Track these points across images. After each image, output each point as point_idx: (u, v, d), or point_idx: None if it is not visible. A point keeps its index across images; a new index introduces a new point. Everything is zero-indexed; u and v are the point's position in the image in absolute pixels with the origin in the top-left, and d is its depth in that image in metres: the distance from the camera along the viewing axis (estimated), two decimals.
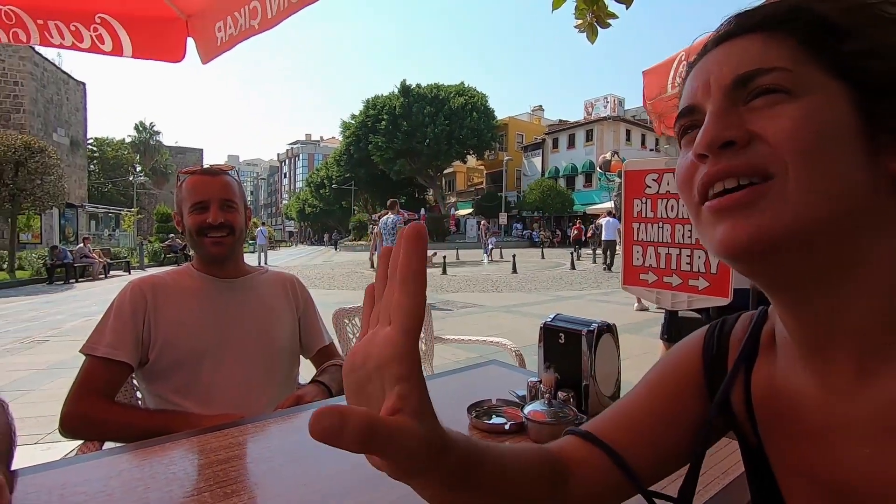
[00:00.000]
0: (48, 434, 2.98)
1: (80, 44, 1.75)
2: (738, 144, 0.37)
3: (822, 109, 0.36)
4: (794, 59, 0.37)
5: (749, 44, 0.39)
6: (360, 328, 2.29)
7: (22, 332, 6.30)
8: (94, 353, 1.16)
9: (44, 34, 1.72)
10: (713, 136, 0.38)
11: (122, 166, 44.95)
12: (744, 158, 0.37)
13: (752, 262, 0.38)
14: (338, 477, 0.81)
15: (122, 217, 27.73)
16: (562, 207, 33.45)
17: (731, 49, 0.40)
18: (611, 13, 2.30)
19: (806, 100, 0.36)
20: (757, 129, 0.37)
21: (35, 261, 13.85)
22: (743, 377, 0.48)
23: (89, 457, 0.91)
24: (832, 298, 0.38)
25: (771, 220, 0.35)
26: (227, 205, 1.28)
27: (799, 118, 0.35)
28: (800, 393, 0.43)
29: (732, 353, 0.51)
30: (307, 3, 1.45)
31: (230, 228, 1.28)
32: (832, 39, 0.37)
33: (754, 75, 0.37)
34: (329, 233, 49.64)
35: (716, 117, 0.38)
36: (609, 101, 37.37)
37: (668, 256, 1.80)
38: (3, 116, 19.96)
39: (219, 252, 1.28)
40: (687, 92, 0.43)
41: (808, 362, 0.42)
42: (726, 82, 0.39)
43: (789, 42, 0.37)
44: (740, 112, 0.38)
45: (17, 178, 13.41)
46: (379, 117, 33.96)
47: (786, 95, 0.36)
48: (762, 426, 0.46)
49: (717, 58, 0.41)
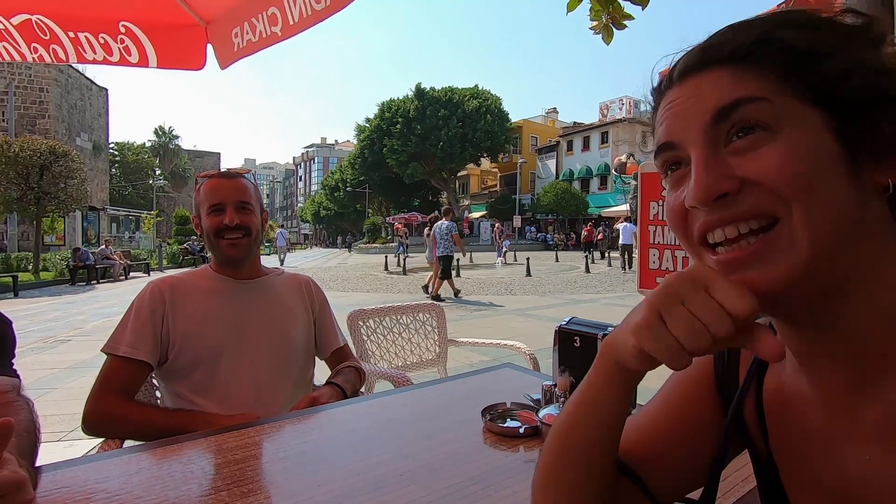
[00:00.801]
0: (70, 431, 3.04)
1: (110, 57, 1.82)
2: (731, 194, 0.37)
3: (805, 140, 0.36)
4: (770, 90, 0.37)
5: (722, 75, 0.38)
6: (373, 330, 2.31)
7: (46, 332, 6.45)
8: (115, 352, 1.18)
9: (78, 50, 1.79)
10: (706, 191, 0.37)
11: (142, 170, 45.95)
12: (743, 206, 0.37)
13: (767, 307, 0.38)
14: (353, 478, 0.81)
15: (142, 220, 28.31)
16: (576, 210, 33.21)
17: (702, 83, 0.39)
18: (627, 14, 2.29)
19: (787, 134, 0.36)
20: (748, 174, 0.37)
21: (58, 262, 14.20)
22: (755, 387, 0.48)
23: (110, 454, 0.93)
24: (831, 313, 0.38)
25: (786, 269, 0.36)
26: (243, 207, 1.30)
27: (786, 157, 0.36)
28: (804, 402, 0.43)
29: (744, 362, 0.50)
30: (331, 13, 1.46)
31: (246, 230, 1.30)
32: (803, 68, 0.36)
33: (736, 106, 0.37)
34: (343, 235, 49.98)
35: (705, 169, 0.38)
36: (624, 102, 37.02)
37: (685, 259, 1.78)
38: (29, 122, 20.54)
39: (235, 253, 1.30)
40: (663, 127, 0.42)
41: (810, 373, 0.42)
42: (706, 118, 0.38)
43: (761, 73, 0.37)
44: (724, 157, 0.38)
45: (42, 182, 13.77)
46: (393, 120, 34.15)
47: (766, 133, 0.36)
48: (772, 436, 0.46)
49: (688, 92, 0.40)
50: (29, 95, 20.83)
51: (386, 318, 2.36)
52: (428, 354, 2.43)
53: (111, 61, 1.82)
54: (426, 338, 2.45)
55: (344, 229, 51.82)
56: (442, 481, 0.80)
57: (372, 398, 1.33)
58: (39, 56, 1.78)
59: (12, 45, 1.77)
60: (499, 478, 0.81)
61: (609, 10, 2.27)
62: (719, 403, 0.51)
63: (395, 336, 2.37)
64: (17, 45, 1.77)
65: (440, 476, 0.82)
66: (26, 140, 14.14)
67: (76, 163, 14.89)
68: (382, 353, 2.29)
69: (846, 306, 0.37)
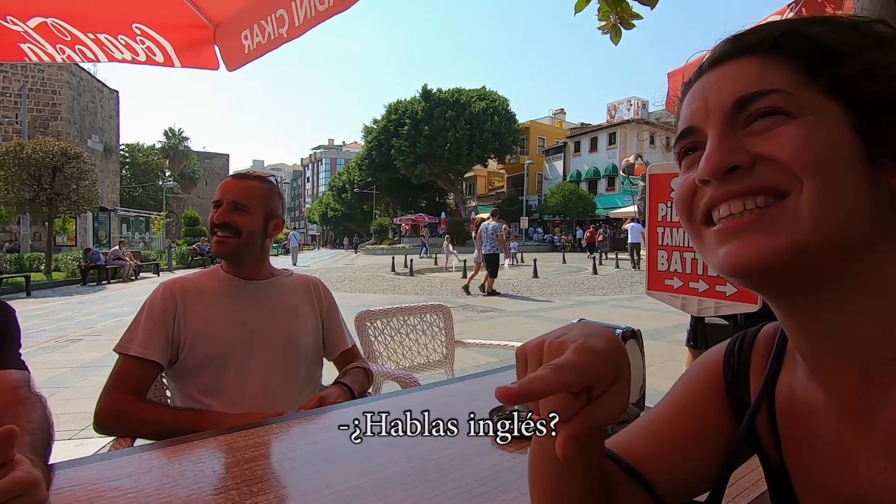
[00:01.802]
0: (81, 430, 3.08)
1: (137, 57, 1.85)
2: (743, 168, 0.38)
3: (823, 129, 0.36)
4: (792, 82, 0.37)
5: (746, 66, 0.39)
6: (381, 331, 2.32)
7: (57, 332, 6.53)
8: (126, 352, 1.20)
9: (105, 51, 1.82)
10: (718, 162, 0.38)
11: (152, 171, 46.43)
12: (753, 180, 0.37)
13: (762, 279, 0.38)
14: (361, 478, 0.82)
15: (152, 220, 28.58)
16: (584, 211, 33.10)
17: (727, 71, 0.40)
18: (635, 14, 2.28)
19: (806, 119, 0.36)
20: (761, 150, 0.37)
21: (70, 263, 14.38)
22: (767, 394, 0.48)
23: (121, 453, 0.94)
24: (838, 313, 0.38)
25: (784, 242, 0.36)
26: (238, 207, 1.30)
27: (802, 136, 0.36)
28: (817, 409, 0.43)
29: (755, 366, 0.50)
30: (336, 12, 1.47)
31: (235, 230, 1.29)
32: (827, 62, 0.37)
33: (755, 97, 0.38)
34: (350, 236, 50.16)
35: (718, 143, 0.39)
36: (632, 103, 36.85)
37: (694, 261, 1.77)
38: (42, 124, 20.84)
39: (219, 250, 1.30)
40: (685, 113, 0.43)
41: (818, 377, 0.42)
42: (726, 105, 0.39)
43: (786, 65, 0.38)
44: (741, 136, 0.38)
45: (54, 183, 13.96)
46: (401, 122, 34.23)
47: (785, 117, 0.37)
48: (785, 442, 0.46)
49: (714, 80, 0.41)
50: (42, 98, 21.14)
51: (393, 318, 2.36)
52: (435, 356, 2.43)
53: (139, 61, 1.85)
54: (433, 339, 2.45)
55: (351, 230, 51.99)
56: (449, 482, 0.80)
57: (379, 399, 1.33)
58: (68, 56, 1.79)
59: (37, 46, 1.79)
60: (506, 479, 0.81)
61: (617, 10, 2.27)
62: (728, 407, 0.51)
63: (403, 337, 2.37)
64: (43, 46, 1.78)
65: (448, 477, 0.82)
66: (39, 142, 14.35)
67: (87, 164, 15.07)
68: (390, 354, 2.30)
69: (854, 305, 0.37)
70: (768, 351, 0.49)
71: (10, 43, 1.77)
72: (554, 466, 0.47)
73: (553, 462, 0.47)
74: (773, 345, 0.49)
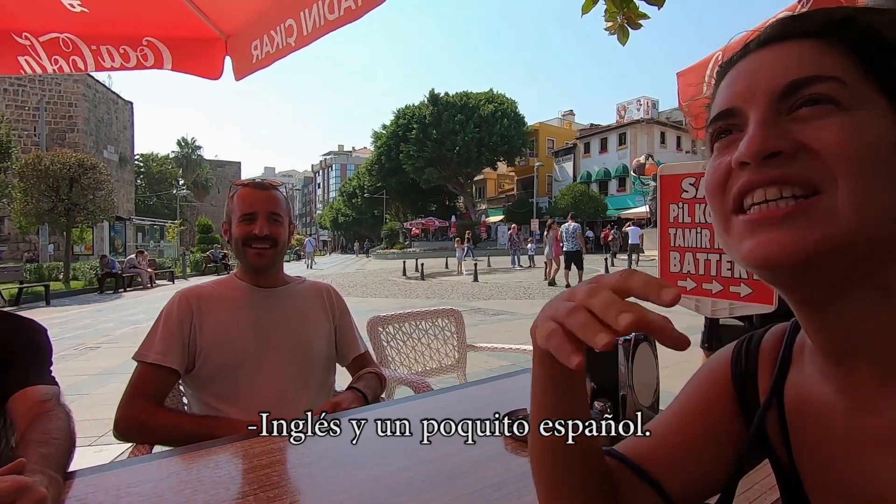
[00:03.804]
0: (100, 437, 3.13)
1: (127, 63, 1.88)
2: (785, 154, 0.36)
3: (872, 125, 0.35)
4: (848, 71, 0.36)
5: (801, 49, 0.38)
6: (393, 336, 2.33)
7: (76, 340, 6.65)
8: (145, 359, 1.22)
9: (97, 59, 1.84)
10: (760, 144, 0.36)
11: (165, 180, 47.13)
12: (792, 169, 0.36)
13: (788, 274, 0.37)
14: (375, 484, 0.82)
15: (166, 229, 29.01)
16: (595, 213, 32.88)
17: (780, 52, 0.38)
18: (642, 14, 2.27)
19: (855, 113, 0.35)
20: (806, 139, 0.36)
21: (87, 271, 14.64)
22: (776, 397, 0.47)
23: (141, 460, 0.96)
24: (859, 310, 0.37)
25: (820, 237, 0.35)
26: (274, 218, 1.33)
27: (850, 132, 0.35)
28: (826, 408, 0.42)
29: (763, 366, 0.50)
30: (345, 22, 1.49)
31: (273, 241, 1.32)
32: (882, 53, 0.36)
33: (810, 82, 0.36)
34: (360, 241, 50.39)
35: (762, 126, 0.37)
36: (642, 103, 36.59)
37: (707, 262, 1.75)
38: (59, 136, 21.31)
39: (260, 263, 1.33)
40: (725, 94, 0.41)
41: (833, 373, 0.42)
42: (777, 87, 0.37)
43: (843, 53, 0.36)
44: (785, 122, 0.37)
45: (71, 194, 14.24)
46: (409, 126, 34.38)
47: (834, 107, 0.35)
48: (795, 442, 0.45)
49: (764, 61, 0.39)
50: (59, 110, 21.63)
51: (405, 323, 2.37)
52: (447, 360, 2.43)
53: (128, 67, 1.86)
54: (445, 343, 2.45)
55: (362, 235, 52.24)
56: (463, 487, 0.80)
57: (392, 404, 1.34)
58: (59, 67, 1.82)
59: (34, 59, 1.82)
60: (520, 484, 0.81)
61: (624, 10, 2.26)
62: (737, 409, 0.50)
63: (415, 342, 2.38)
64: (39, 58, 1.81)
65: (461, 482, 0.82)
66: (56, 154, 14.66)
67: (103, 175, 15.36)
68: (402, 359, 2.31)
69: (879, 303, 0.36)
70: (776, 351, 0.49)
71: (10, 56, 1.81)
72: (549, 459, 0.49)
73: (548, 456, 0.49)
74: (780, 345, 0.49)
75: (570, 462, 0.48)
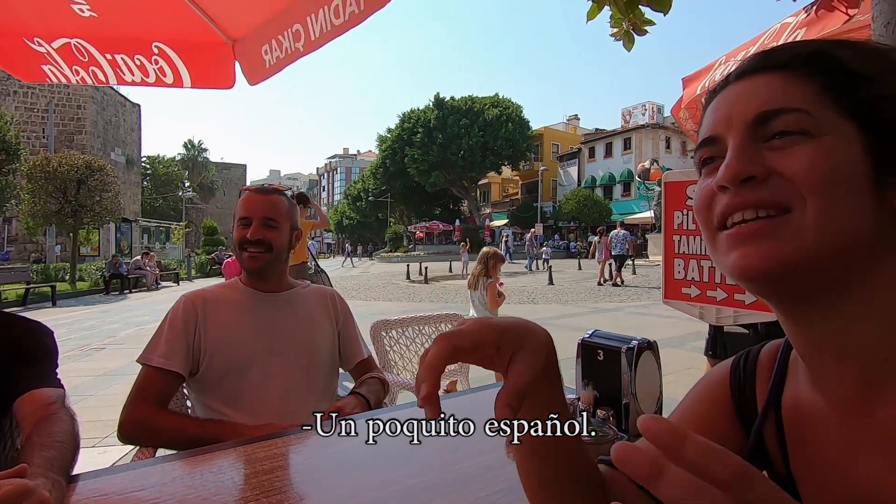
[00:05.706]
0: (104, 438, 3.14)
1: (147, 79, 1.92)
2: (758, 179, 0.40)
3: (837, 149, 0.38)
4: (814, 101, 0.39)
5: (771, 81, 0.41)
6: (396, 340, 2.33)
7: (81, 341, 6.69)
8: (149, 362, 1.23)
9: (117, 72, 1.88)
10: (736, 170, 0.40)
11: (171, 182, 47.45)
12: (764, 192, 0.40)
13: (767, 283, 0.41)
14: (380, 490, 0.82)
15: (172, 230, 29.15)
16: (599, 217, 32.80)
17: (753, 84, 0.42)
18: (648, 20, 2.27)
19: (822, 140, 0.38)
20: (776, 165, 0.39)
21: (93, 273, 14.72)
22: (773, 408, 0.49)
23: (144, 464, 0.97)
24: (838, 319, 0.40)
25: (791, 249, 0.38)
26: (268, 223, 1.33)
27: (816, 157, 0.38)
28: (820, 417, 0.44)
29: (760, 378, 0.52)
30: (350, 26, 1.50)
31: (268, 245, 1.33)
32: (850, 84, 0.39)
33: (777, 113, 0.40)
34: (364, 244, 50.43)
35: (738, 153, 0.41)
36: (647, 108, 36.55)
37: (711, 270, 1.74)
38: (67, 138, 21.51)
39: (252, 266, 1.34)
40: (708, 121, 0.45)
41: (819, 382, 0.44)
42: (749, 118, 0.41)
43: (810, 83, 0.40)
44: (760, 149, 0.40)
45: (78, 196, 14.36)
46: (414, 130, 34.46)
47: (804, 137, 0.39)
48: (791, 451, 0.47)
49: (739, 92, 0.43)
50: (67, 113, 21.84)
51: (409, 328, 2.37)
52: (450, 365, 2.42)
53: (148, 82, 1.91)
54: None
55: (366, 238, 52.32)
56: (468, 494, 0.80)
57: (395, 409, 1.34)
58: (81, 78, 1.88)
59: (56, 68, 1.87)
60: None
61: (630, 16, 2.26)
62: (737, 421, 0.52)
63: (419, 347, 2.38)
64: (61, 67, 1.87)
65: (466, 489, 0.82)
66: (64, 156, 14.79)
67: (110, 177, 15.48)
68: (405, 364, 2.31)
69: (854, 310, 0.39)
70: (772, 363, 0.51)
71: (35, 65, 1.86)
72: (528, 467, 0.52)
73: (528, 464, 0.52)
74: (776, 357, 0.51)
75: (559, 473, 0.50)
